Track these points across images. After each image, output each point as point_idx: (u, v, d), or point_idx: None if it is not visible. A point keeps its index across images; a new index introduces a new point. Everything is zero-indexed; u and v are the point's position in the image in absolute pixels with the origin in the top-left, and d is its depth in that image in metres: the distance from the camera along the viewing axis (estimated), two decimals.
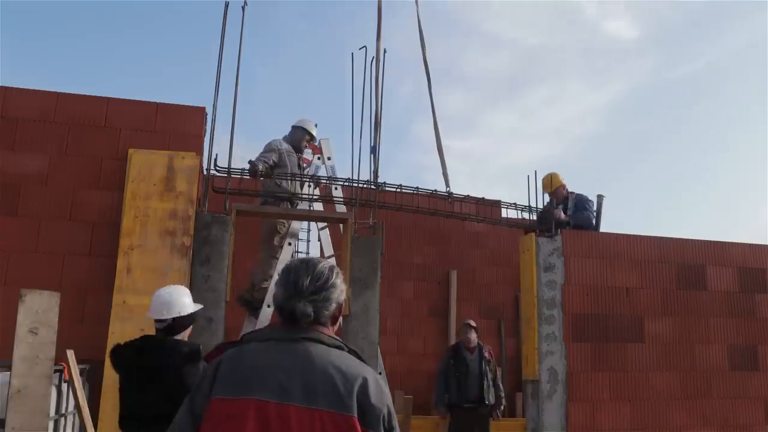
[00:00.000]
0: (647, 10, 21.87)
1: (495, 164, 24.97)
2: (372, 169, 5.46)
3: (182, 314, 3.02)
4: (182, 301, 3.06)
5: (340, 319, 1.84)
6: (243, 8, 5.13)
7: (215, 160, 4.93)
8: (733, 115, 23.46)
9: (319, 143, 6.76)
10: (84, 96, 4.67)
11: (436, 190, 5.78)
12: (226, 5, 5.01)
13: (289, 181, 5.80)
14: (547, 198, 6.56)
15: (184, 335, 3.07)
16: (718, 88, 23.29)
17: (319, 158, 6.67)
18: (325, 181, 6.12)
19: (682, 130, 23.51)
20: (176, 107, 4.81)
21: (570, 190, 6.66)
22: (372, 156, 5.48)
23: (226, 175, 4.90)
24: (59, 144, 4.53)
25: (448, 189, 5.89)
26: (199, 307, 3.18)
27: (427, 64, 6.47)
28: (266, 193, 5.68)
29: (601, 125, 24.02)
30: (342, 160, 7.19)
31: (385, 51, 5.68)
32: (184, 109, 4.81)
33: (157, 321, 3.00)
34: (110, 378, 4.08)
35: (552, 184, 6.67)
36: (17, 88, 4.58)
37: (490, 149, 25.46)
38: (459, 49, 23.50)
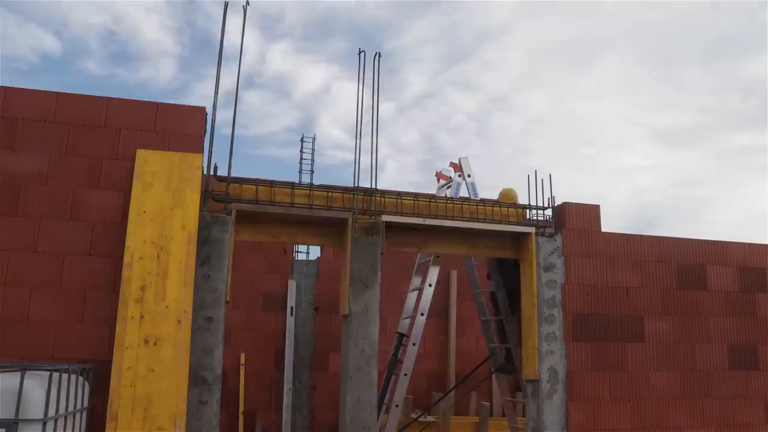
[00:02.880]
0: None
1: None
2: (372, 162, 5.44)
3: None
4: None
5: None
6: (244, 8, 5.13)
7: (215, 168, 4.94)
8: None
9: (459, 161, 7.14)
10: (84, 96, 4.67)
11: (434, 196, 5.77)
12: (226, 5, 5.02)
13: None
14: None
15: None
16: None
17: (459, 176, 7.07)
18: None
19: None
20: (176, 107, 4.81)
21: None
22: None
23: (225, 182, 4.92)
24: (59, 144, 4.53)
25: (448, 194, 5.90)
26: None
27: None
28: None
29: None
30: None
31: (379, 54, 5.72)
32: (184, 109, 4.82)
33: None
34: (116, 378, 4.09)
35: (508, 197, 6.24)
36: (17, 88, 4.57)
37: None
38: None
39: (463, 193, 7.11)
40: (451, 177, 7.25)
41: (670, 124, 31.14)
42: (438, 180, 7.46)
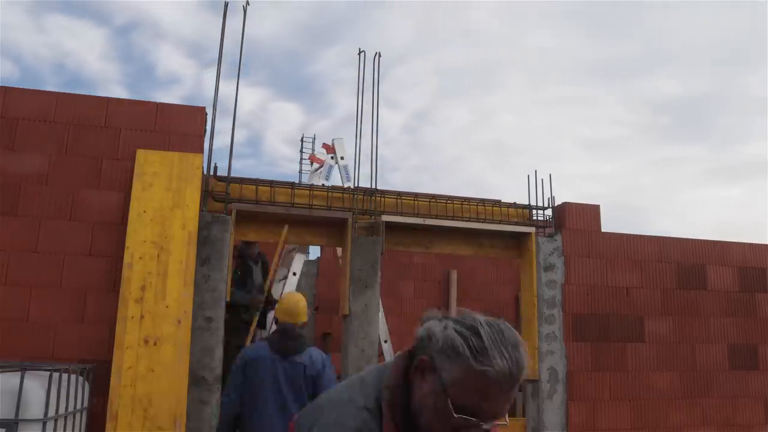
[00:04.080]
0: None
1: None
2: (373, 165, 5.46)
3: None
4: None
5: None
6: (245, 8, 5.13)
7: (215, 168, 4.95)
8: None
9: (333, 142, 6.71)
10: (84, 96, 4.67)
11: (434, 196, 5.77)
12: (226, 5, 5.02)
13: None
14: None
15: None
16: None
17: (332, 158, 6.65)
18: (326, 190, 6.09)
19: None
20: (176, 107, 4.81)
21: None
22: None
23: (225, 182, 4.93)
24: (59, 144, 4.52)
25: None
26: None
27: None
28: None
29: None
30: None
31: (379, 54, 5.72)
32: (184, 109, 4.82)
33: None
34: (116, 378, 4.09)
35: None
36: (17, 88, 4.57)
37: None
38: None
39: (335, 177, 6.54)
40: (323, 160, 6.69)
41: (595, 136, 31.91)
42: (311, 164, 6.81)
